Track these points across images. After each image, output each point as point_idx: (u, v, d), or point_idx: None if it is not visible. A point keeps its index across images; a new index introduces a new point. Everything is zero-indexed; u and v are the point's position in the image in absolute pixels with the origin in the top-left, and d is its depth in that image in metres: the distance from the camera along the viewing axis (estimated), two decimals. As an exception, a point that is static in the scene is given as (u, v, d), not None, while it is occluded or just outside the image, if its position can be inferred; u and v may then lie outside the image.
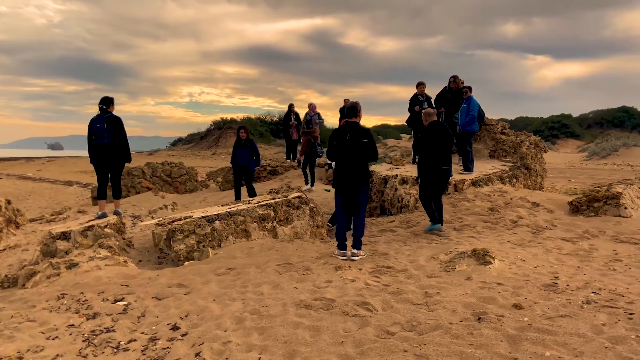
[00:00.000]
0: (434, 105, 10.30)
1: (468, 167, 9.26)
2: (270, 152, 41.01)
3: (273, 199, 7.33)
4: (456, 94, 9.95)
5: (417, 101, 10.06)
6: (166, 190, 15.03)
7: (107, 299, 4.52)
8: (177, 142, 51.88)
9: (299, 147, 12.45)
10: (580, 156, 29.40)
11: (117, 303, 4.41)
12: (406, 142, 35.61)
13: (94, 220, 6.39)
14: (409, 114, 10.56)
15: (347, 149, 5.37)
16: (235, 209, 6.58)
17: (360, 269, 4.95)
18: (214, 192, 14.61)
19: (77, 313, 4.25)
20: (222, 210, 6.69)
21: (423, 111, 7.17)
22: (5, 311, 4.42)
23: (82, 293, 4.77)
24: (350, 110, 5.53)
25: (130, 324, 3.94)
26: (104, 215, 6.44)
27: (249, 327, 3.72)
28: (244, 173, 9.61)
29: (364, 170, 5.40)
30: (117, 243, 6.14)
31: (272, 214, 6.53)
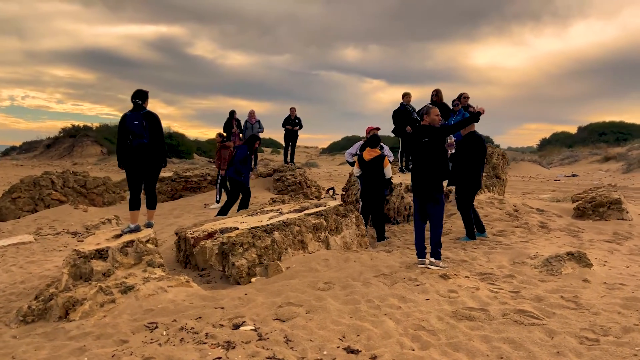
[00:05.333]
0: (418, 117, 10.56)
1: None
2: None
3: (302, 208, 6.88)
4: (440, 107, 10.27)
5: (407, 112, 10.22)
6: (81, 202, 13.47)
7: (222, 325, 3.84)
8: (10, 151, 45.43)
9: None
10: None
11: (241, 329, 3.76)
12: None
13: (125, 234, 5.40)
14: (393, 125, 10.66)
15: (426, 152, 5.24)
16: (286, 218, 6.05)
17: (467, 277, 4.84)
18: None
19: (204, 344, 3.54)
20: (266, 219, 6.11)
21: None
22: (93, 350, 3.54)
23: (175, 321, 4.00)
24: (426, 114, 5.48)
25: (289, 350, 3.39)
26: (137, 229, 5.47)
27: (435, 344, 3.41)
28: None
29: (442, 174, 5.32)
30: (162, 260, 5.27)
31: (324, 223, 6.13)
